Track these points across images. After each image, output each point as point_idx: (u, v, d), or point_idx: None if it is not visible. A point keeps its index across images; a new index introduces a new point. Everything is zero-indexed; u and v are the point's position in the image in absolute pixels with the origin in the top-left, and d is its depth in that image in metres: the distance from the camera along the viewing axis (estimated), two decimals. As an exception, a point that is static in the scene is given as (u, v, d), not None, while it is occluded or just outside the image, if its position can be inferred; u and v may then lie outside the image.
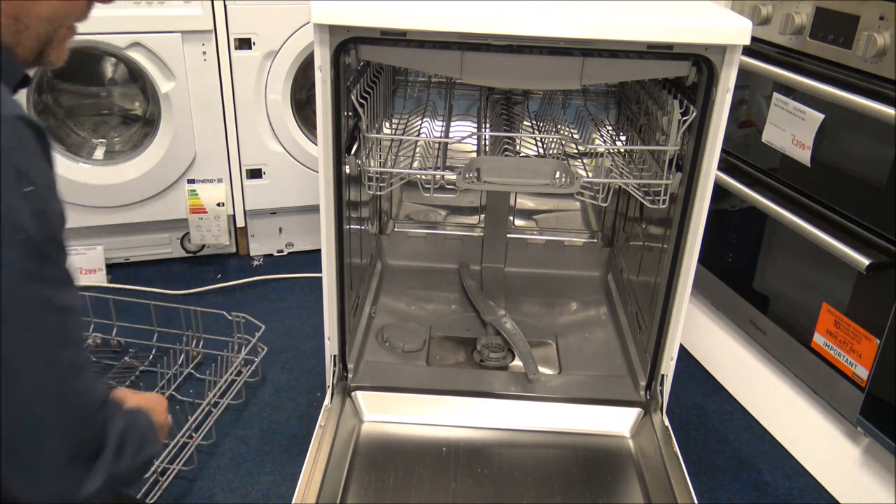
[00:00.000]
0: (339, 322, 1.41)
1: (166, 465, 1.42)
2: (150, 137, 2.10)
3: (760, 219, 1.65)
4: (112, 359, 1.79)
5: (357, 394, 1.46)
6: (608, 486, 1.31)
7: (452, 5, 1.14)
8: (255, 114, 2.10)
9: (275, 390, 1.73)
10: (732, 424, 1.69)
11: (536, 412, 1.45)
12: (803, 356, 1.54)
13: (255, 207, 2.24)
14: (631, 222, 1.79)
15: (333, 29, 1.16)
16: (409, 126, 1.73)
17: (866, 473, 1.44)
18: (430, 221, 1.99)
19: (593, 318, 1.77)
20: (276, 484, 1.46)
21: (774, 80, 1.56)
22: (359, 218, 1.61)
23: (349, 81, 1.31)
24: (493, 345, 1.60)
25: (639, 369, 1.52)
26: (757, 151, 1.65)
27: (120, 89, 2.17)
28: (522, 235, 1.97)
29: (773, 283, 1.65)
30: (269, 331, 1.83)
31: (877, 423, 1.37)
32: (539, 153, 1.68)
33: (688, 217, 1.30)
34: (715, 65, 1.18)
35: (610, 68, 1.24)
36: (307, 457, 1.25)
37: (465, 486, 1.30)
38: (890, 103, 1.27)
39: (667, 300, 1.38)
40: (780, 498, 1.49)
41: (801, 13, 1.50)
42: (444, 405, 1.45)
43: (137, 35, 1.92)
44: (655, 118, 1.41)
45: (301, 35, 2.03)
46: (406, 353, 1.60)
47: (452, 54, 1.21)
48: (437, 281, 1.90)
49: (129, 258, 2.23)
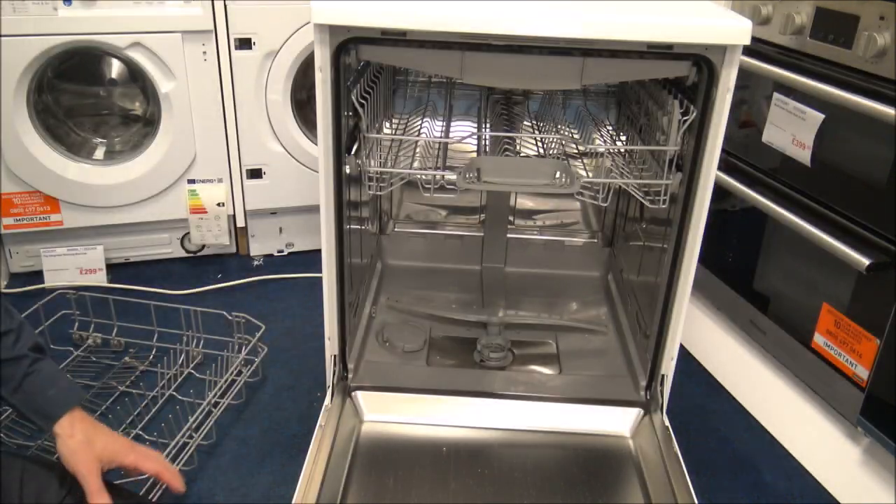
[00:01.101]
0: (339, 322, 1.41)
1: (166, 465, 1.42)
2: (150, 137, 2.10)
3: (760, 219, 1.65)
4: (112, 359, 1.79)
5: (357, 394, 1.46)
6: (608, 486, 1.31)
7: (452, 5, 1.14)
8: (256, 114, 2.10)
9: (275, 390, 1.73)
10: (732, 424, 1.69)
11: (536, 412, 1.45)
12: (803, 356, 1.54)
13: (256, 207, 2.24)
14: (631, 222, 1.79)
15: (333, 29, 1.17)
16: (409, 126, 1.74)
17: (866, 473, 1.44)
18: (430, 221, 1.99)
19: (593, 318, 1.77)
20: (276, 484, 1.46)
21: (774, 80, 1.56)
22: (359, 218, 1.61)
23: (349, 81, 1.31)
24: (493, 345, 1.61)
25: (639, 369, 1.52)
26: (757, 151, 1.65)
27: (120, 89, 2.17)
28: (522, 235, 1.97)
29: (773, 283, 1.65)
30: (269, 331, 1.83)
31: (877, 423, 1.37)
32: (539, 153, 1.68)
33: (688, 217, 1.30)
34: (715, 65, 1.18)
35: (610, 68, 1.24)
36: (307, 457, 1.25)
37: (465, 486, 1.30)
38: (890, 103, 1.27)
39: (667, 300, 1.38)
40: (780, 498, 1.49)
41: (801, 13, 1.50)
42: (444, 405, 1.45)
43: (137, 35, 1.92)
44: (655, 118, 1.41)
45: (301, 35, 2.03)
46: (406, 353, 1.60)
47: (452, 54, 1.21)
48: (437, 281, 1.90)
49: (129, 258, 2.23)
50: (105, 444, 1.04)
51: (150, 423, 1.59)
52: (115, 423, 1.56)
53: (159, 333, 1.83)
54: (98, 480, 1.01)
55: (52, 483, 0.94)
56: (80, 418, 1.04)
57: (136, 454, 1.08)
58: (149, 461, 1.09)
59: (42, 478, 0.93)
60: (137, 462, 1.08)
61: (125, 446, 1.08)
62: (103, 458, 1.03)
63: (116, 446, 1.06)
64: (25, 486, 0.91)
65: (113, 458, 1.05)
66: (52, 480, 0.94)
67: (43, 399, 1.02)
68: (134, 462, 1.07)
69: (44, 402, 1.02)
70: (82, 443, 1.02)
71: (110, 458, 1.04)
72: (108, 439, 1.05)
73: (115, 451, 1.05)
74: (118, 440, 1.08)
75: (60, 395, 1.03)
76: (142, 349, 1.82)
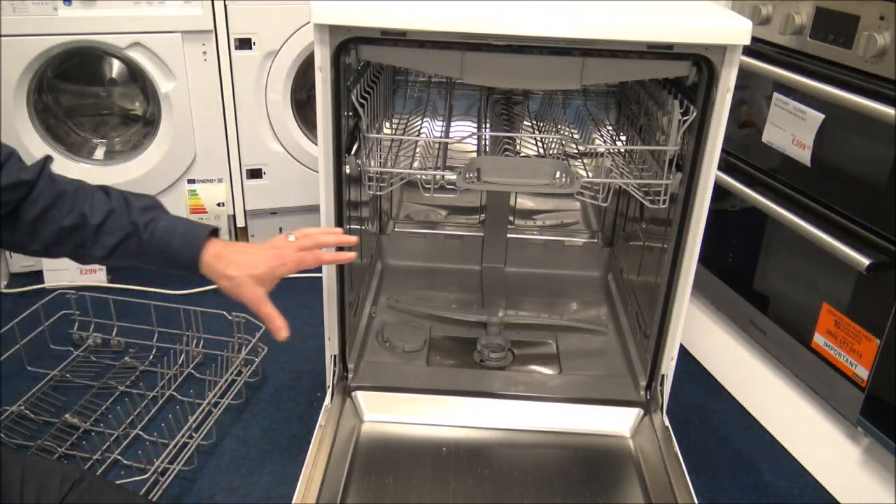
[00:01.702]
0: (339, 322, 1.41)
1: (166, 465, 1.42)
2: (150, 137, 2.10)
3: (760, 219, 1.65)
4: (112, 359, 1.79)
5: (357, 394, 1.46)
6: (608, 486, 1.31)
7: (452, 5, 1.14)
8: (255, 114, 2.10)
9: (275, 390, 1.73)
10: (732, 424, 1.69)
11: (536, 412, 1.45)
12: (803, 356, 1.54)
13: (256, 207, 2.24)
14: (631, 222, 1.79)
15: (333, 29, 1.17)
16: (410, 126, 1.73)
17: (866, 473, 1.44)
18: (430, 221, 1.99)
19: (593, 318, 1.77)
20: (276, 484, 1.46)
21: (774, 80, 1.56)
22: (359, 218, 1.61)
23: (349, 81, 1.31)
24: (493, 345, 1.61)
25: (639, 369, 1.52)
26: (757, 151, 1.65)
27: (120, 89, 2.17)
28: (522, 235, 1.97)
29: (773, 283, 1.65)
30: (269, 331, 1.83)
31: (877, 423, 1.37)
32: (539, 153, 1.68)
33: (688, 217, 1.30)
34: (715, 65, 1.18)
35: (610, 68, 1.24)
36: (307, 457, 1.25)
37: (465, 486, 1.30)
38: (890, 103, 1.27)
39: (667, 300, 1.38)
40: (780, 498, 1.49)
41: (801, 13, 1.50)
42: (444, 405, 1.45)
43: (137, 35, 1.92)
44: (655, 118, 1.41)
45: (301, 35, 2.03)
46: (406, 353, 1.60)
47: (452, 54, 1.21)
48: (437, 281, 1.90)
49: (130, 258, 2.23)
50: (260, 269, 1.07)
51: (150, 423, 1.59)
52: (115, 423, 1.57)
53: (159, 333, 1.83)
54: (267, 306, 1.08)
55: (53, 483, 0.94)
56: (218, 251, 1.06)
57: (287, 262, 1.10)
58: (301, 263, 1.12)
59: (42, 477, 0.93)
60: (291, 269, 1.11)
61: (274, 260, 1.09)
62: (265, 281, 1.08)
63: (267, 264, 1.08)
64: (26, 485, 0.91)
65: (273, 277, 1.09)
66: (53, 480, 0.94)
67: (172, 253, 1.04)
68: (289, 271, 1.11)
69: (174, 255, 1.04)
70: (240, 279, 1.05)
71: (270, 279, 1.09)
72: (260, 263, 1.08)
73: (270, 270, 1.08)
74: (265, 257, 1.09)
75: (186, 242, 1.05)
76: (142, 349, 1.82)
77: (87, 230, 1.00)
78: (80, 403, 1.63)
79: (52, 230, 0.99)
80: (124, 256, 1.03)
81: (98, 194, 1.02)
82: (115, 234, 1.01)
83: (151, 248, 1.03)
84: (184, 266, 1.06)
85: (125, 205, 1.04)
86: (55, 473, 0.95)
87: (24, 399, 1.62)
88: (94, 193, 1.02)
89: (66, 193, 1.00)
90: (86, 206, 1.00)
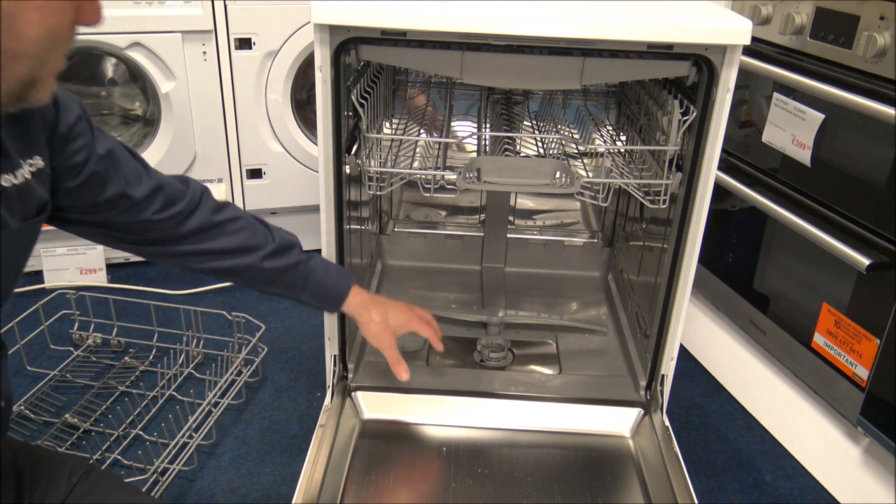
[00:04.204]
0: (340, 322, 1.41)
1: (166, 465, 1.42)
2: (150, 137, 2.10)
3: (760, 219, 1.65)
4: (112, 359, 1.79)
5: (357, 394, 1.46)
6: (608, 486, 1.31)
7: (452, 5, 1.14)
8: (255, 114, 2.10)
9: (275, 390, 1.73)
10: (732, 424, 1.69)
11: (536, 412, 1.45)
12: (803, 356, 1.54)
13: (256, 207, 2.24)
14: (631, 222, 1.79)
15: (333, 29, 1.16)
16: (410, 126, 1.73)
17: (866, 473, 1.44)
18: (430, 221, 1.99)
19: (593, 318, 1.77)
20: (276, 484, 1.46)
21: (774, 80, 1.56)
22: (359, 218, 1.61)
23: (349, 81, 1.31)
24: (493, 345, 1.60)
25: (639, 369, 1.52)
26: (757, 151, 1.65)
27: (120, 89, 2.17)
28: (522, 235, 1.97)
29: (773, 283, 1.65)
30: (269, 331, 1.84)
31: (877, 423, 1.37)
32: (539, 153, 1.68)
33: (688, 217, 1.30)
34: (715, 65, 1.18)
35: (610, 68, 1.24)
36: (307, 457, 1.25)
37: (465, 486, 1.29)
38: (890, 103, 1.27)
39: (667, 300, 1.38)
40: (780, 498, 1.49)
41: (801, 13, 1.50)
42: (444, 405, 1.45)
43: (137, 35, 1.92)
44: (655, 118, 1.41)
45: (301, 35, 2.03)
46: (406, 353, 1.60)
47: (452, 54, 1.21)
48: (437, 281, 1.90)
49: (129, 258, 2.23)
50: (396, 321, 1.29)
51: (150, 423, 1.59)
52: (115, 424, 1.57)
53: (159, 333, 1.83)
54: (396, 352, 1.30)
55: (62, 473, 0.94)
56: (361, 295, 1.26)
57: (418, 322, 1.33)
58: (425, 326, 1.34)
59: (52, 467, 0.94)
60: (420, 328, 1.33)
61: (409, 316, 1.32)
62: (397, 331, 1.30)
63: (403, 318, 1.31)
64: (36, 474, 0.92)
65: (405, 328, 1.32)
66: (62, 470, 0.94)
67: (325, 290, 1.22)
68: (417, 329, 1.33)
69: (327, 291, 1.22)
70: (381, 325, 1.27)
71: (403, 329, 1.31)
72: (396, 314, 1.30)
73: (404, 323, 1.31)
74: (402, 312, 1.32)
75: (339, 282, 1.24)
76: (142, 349, 1.82)
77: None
78: (80, 403, 1.63)
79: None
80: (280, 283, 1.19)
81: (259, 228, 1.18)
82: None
83: (311, 284, 1.20)
84: (332, 301, 1.24)
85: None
86: (65, 464, 0.96)
87: (24, 399, 1.62)
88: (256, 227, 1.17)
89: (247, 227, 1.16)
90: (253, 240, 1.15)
